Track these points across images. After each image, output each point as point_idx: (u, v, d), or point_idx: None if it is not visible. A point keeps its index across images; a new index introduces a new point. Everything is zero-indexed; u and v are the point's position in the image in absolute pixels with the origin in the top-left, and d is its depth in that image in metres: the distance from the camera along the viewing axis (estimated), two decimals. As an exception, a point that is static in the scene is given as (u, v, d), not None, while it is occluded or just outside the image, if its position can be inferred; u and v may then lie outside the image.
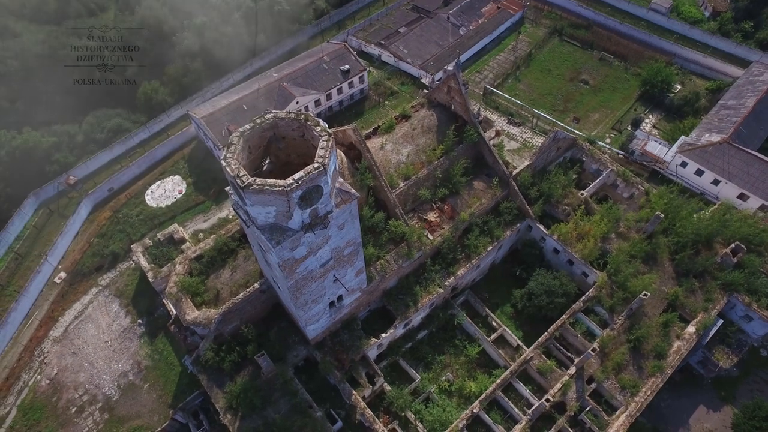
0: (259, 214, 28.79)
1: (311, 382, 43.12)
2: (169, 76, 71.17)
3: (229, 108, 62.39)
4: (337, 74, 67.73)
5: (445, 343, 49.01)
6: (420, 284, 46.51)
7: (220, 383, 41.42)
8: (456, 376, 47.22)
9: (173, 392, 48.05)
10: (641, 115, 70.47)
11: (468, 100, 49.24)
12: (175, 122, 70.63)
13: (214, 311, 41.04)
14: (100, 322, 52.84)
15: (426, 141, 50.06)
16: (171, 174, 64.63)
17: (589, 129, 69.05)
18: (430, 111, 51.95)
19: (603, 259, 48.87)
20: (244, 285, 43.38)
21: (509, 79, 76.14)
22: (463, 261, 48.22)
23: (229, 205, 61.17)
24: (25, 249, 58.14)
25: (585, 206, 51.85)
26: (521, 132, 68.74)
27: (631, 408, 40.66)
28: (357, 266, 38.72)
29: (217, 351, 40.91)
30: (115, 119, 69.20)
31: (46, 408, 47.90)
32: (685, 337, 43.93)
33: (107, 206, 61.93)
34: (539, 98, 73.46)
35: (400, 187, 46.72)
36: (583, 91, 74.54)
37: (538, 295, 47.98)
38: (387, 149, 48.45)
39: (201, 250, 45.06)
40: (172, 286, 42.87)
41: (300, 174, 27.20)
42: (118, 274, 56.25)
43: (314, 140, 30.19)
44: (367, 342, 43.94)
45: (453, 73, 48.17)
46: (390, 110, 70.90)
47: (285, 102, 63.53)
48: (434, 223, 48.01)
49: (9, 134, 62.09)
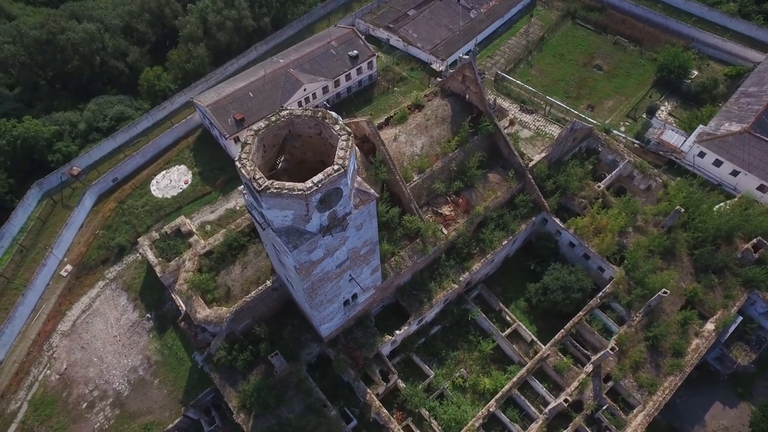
0: (275, 218, 27.66)
1: (324, 380, 42.61)
2: (171, 61, 69.20)
3: (234, 95, 60.64)
4: (346, 60, 65.71)
5: (458, 339, 48.37)
6: (434, 280, 45.62)
7: (233, 382, 40.86)
8: (470, 372, 46.70)
9: (184, 388, 47.58)
10: (657, 102, 68.64)
11: (484, 90, 47.59)
12: (179, 109, 68.83)
13: (226, 309, 40.23)
14: (108, 316, 52.16)
15: (440, 132, 48.58)
16: (176, 163, 63.21)
17: (603, 117, 67.31)
18: (444, 100, 50.32)
19: (620, 254, 47.90)
20: (255, 282, 42.50)
21: (521, 64, 74.06)
22: (478, 256, 47.24)
23: (237, 196, 59.95)
24: (29, 241, 57.12)
25: (602, 199, 50.66)
26: (534, 120, 67.06)
27: (649, 407, 40.18)
28: (373, 265, 37.75)
29: (230, 350, 40.23)
30: (118, 106, 67.54)
31: (57, 403, 47.52)
32: (704, 334, 43.22)
33: (112, 197, 60.67)
34: (552, 84, 71.54)
35: (415, 181, 45.46)
36: (597, 77, 72.55)
37: (553, 290, 47.10)
38: (400, 141, 47.02)
39: (210, 246, 44.04)
40: (182, 283, 41.98)
41: (319, 176, 25.96)
42: (124, 267, 55.35)
43: (332, 139, 28.87)
44: (381, 339, 43.26)
45: (469, 62, 46.40)
46: (399, 96, 69.13)
47: (292, 89, 61.74)
48: (449, 217, 46.87)
49: (9, 123, 60.48)
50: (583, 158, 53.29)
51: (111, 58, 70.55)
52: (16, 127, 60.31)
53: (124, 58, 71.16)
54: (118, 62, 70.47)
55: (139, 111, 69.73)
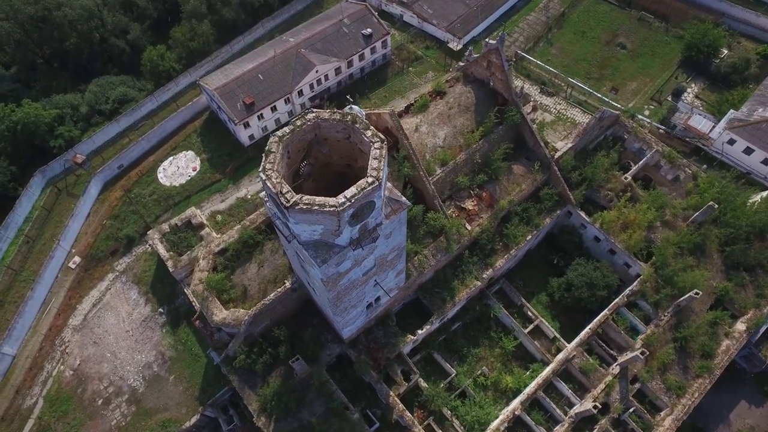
0: (303, 231, 25.85)
1: (345, 381, 41.73)
2: (175, 39, 65.81)
3: (243, 78, 57.76)
4: (359, 39, 62.40)
5: (480, 335, 47.29)
6: (457, 277, 44.22)
7: (252, 384, 39.98)
8: (491, 370, 45.81)
9: (200, 384, 46.83)
10: (683, 84, 65.58)
11: (511, 77, 44.97)
12: (184, 90, 65.93)
13: (243, 311, 38.90)
14: (119, 310, 51.00)
15: (463, 122, 46.18)
16: (183, 149, 60.82)
17: (627, 100, 64.44)
18: (467, 87, 47.70)
19: (647, 249, 46.28)
20: (273, 281, 41.09)
21: (541, 42, 70.56)
22: (501, 251, 45.74)
23: (247, 184, 57.94)
24: (35, 231, 55.44)
25: (629, 191, 48.65)
26: (555, 103, 64.26)
27: (677, 411, 39.37)
28: (398, 268, 36.26)
29: (248, 353, 39.11)
30: (120, 88, 64.62)
31: (72, 399, 46.90)
32: (734, 335, 42.09)
33: (118, 185, 58.63)
34: (573, 64, 68.28)
35: (437, 174, 43.44)
36: (620, 56, 69.18)
37: (578, 287, 45.69)
38: (422, 131, 44.71)
39: (225, 243, 42.38)
40: (197, 283, 40.52)
41: (353, 191, 24.02)
42: (134, 258, 53.84)
43: (362, 145, 26.76)
44: (403, 340, 42.17)
45: (496, 47, 43.58)
46: (414, 77, 66.13)
47: (304, 71, 58.76)
48: (472, 212, 45.05)
49: (8, 108, 57.78)
50: (609, 147, 50.97)
51: (111, 36, 67.02)
52: (15, 111, 57.63)
53: (125, 35, 67.62)
54: (118, 40, 66.98)
55: (142, 92, 66.79)
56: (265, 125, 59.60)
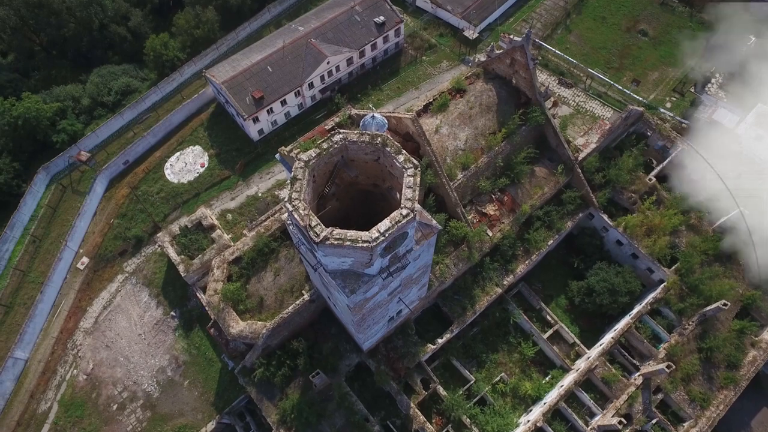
0: (332, 262, 24.55)
1: (364, 390, 41.15)
2: (178, 27, 62.94)
3: (252, 71, 55.41)
4: (371, 27, 59.68)
5: (498, 340, 46.49)
6: (477, 284, 43.17)
7: (270, 395, 39.39)
8: (510, 375, 45.23)
9: (215, 389, 46.37)
10: (707, 73, 63.10)
11: (536, 77, 42.85)
12: (189, 80, 63.65)
13: (261, 324, 37.96)
14: (130, 312, 50.14)
15: (485, 122, 44.29)
16: (190, 144, 58.90)
17: (648, 91, 62.15)
18: (488, 85, 45.60)
19: (671, 254, 45.09)
20: (289, 290, 40.05)
21: (559, 29, 67.73)
22: (522, 257, 44.60)
23: (258, 181, 56.32)
24: (41, 230, 54.16)
25: (654, 194, 47.11)
26: (573, 95, 62.00)
27: (701, 423, 38.91)
28: (422, 283, 35.07)
29: (267, 365, 38.33)
30: (123, 78, 62.25)
31: (87, 404, 46.50)
32: (761, 345, 41.30)
33: (124, 181, 56.99)
34: (592, 53, 65.68)
35: (458, 179, 41.85)
36: (642, 44, 66.48)
37: (599, 293, 44.67)
38: (443, 133, 42.90)
39: (239, 251, 41.14)
40: (213, 294, 39.43)
41: (386, 225, 22.57)
42: (143, 259, 52.68)
43: (393, 168, 25.16)
44: (423, 349, 41.39)
45: (521, 44, 41.36)
46: (428, 67, 63.63)
47: (315, 63, 56.34)
48: (494, 216, 43.66)
49: (8, 102, 55.58)
50: (632, 145, 49.19)
51: (111, 23, 64.13)
52: (15, 105, 55.44)
53: (126, 22, 64.70)
54: (119, 27, 64.10)
55: (145, 82, 64.48)
56: (274, 119, 57.55)
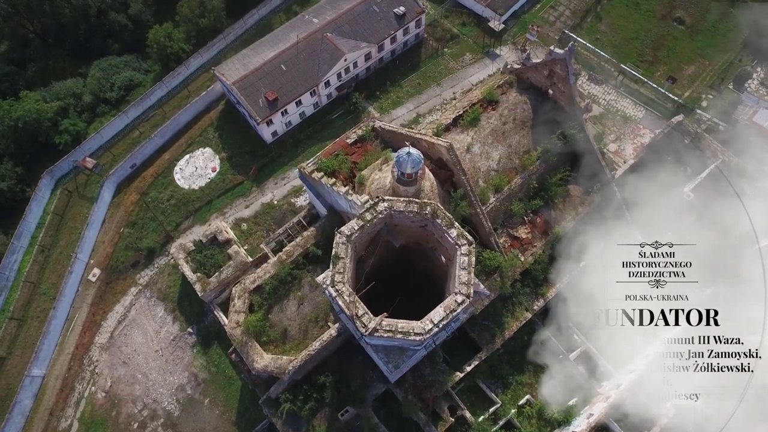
0: (378, 342, 22.78)
1: (390, 419, 40.32)
2: (182, 15, 58.60)
3: (264, 69, 51.82)
4: (391, 19, 55.47)
5: (524, 361, 45.54)
6: (506, 308, 41.71)
7: (296, 426, 38.59)
8: (535, 397, 44.53)
9: (236, 408, 45.75)
10: (747, 67, 59.32)
11: (575, 91, 39.72)
12: (196, 74, 59.95)
13: (287, 359, 36.71)
14: (146, 328, 48.94)
15: (519, 139, 41.54)
16: (200, 146, 55.96)
17: (683, 88, 58.56)
18: (522, 96, 42.56)
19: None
20: (314, 320, 38.63)
21: (589, 16, 63.28)
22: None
23: (272, 188, 53.87)
24: (49, 239, 52.22)
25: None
26: (604, 93, 58.51)
27: None
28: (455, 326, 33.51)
29: (293, 400, 37.34)
30: (125, 72, 58.62)
31: (107, 422, 46.01)
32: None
33: (132, 186, 54.47)
34: (624, 44, 61.57)
35: (491, 203, 39.55)
36: (677, 34, 62.20)
37: (631, 315, 43.30)
38: (474, 152, 40.29)
39: (261, 280, 39.39)
40: (234, 326, 37.97)
41: (440, 314, 20.81)
42: (156, 271, 50.97)
43: (442, 239, 22.98)
44: (451, 378, 40.36)
45: (563, 57, 38.06)
46: (451, 61, 59.76)
47: (332, 60, 52.64)
48: (525, 240, 41.65)
49: (6, 103, 52.30)
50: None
51: (110, 9, 59.71)
52: (14, 106, 52.20)
53: (126, 9, 60.22)
54: (118, 15, 59.70)
55: (149, 74, 60.78)
56: (289, 120, 54.43)
